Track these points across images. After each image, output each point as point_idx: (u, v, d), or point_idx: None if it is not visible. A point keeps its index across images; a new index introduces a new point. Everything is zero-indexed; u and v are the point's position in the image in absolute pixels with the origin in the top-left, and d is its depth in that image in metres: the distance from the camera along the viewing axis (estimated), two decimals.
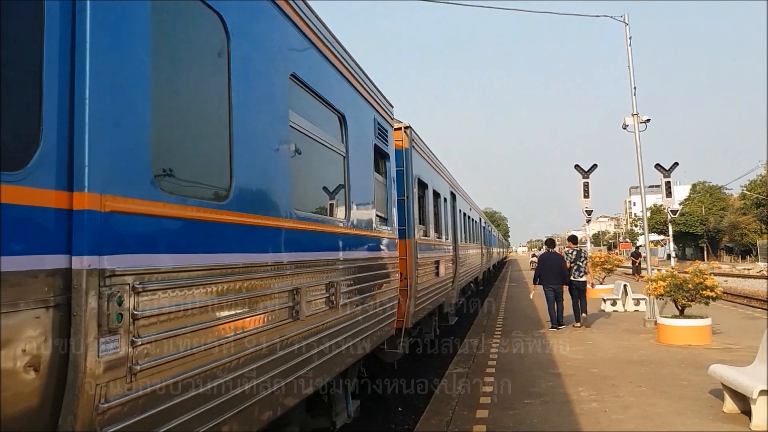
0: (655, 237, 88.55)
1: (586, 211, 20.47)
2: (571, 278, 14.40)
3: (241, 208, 3.26)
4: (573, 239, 15.72)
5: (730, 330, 13.04)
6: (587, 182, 20.07)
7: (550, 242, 16.28)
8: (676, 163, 17.91)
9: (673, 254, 37.51)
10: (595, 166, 20.00)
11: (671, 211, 29.36)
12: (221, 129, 3.20)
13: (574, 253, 14.63)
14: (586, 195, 20.06)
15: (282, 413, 3.82)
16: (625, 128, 14.10)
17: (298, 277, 3.97)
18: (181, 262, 2.67)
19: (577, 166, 19.82)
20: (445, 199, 14.22)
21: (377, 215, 6.98)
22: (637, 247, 59.80)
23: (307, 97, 4.64)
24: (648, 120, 13.74)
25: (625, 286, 18.10)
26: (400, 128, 9.38)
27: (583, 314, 14.47)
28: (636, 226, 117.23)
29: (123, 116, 2.38)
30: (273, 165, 3.77)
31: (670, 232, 23.92)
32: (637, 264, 40.43)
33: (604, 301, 17.88)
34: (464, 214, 19.37)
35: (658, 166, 17.78)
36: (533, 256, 60.15)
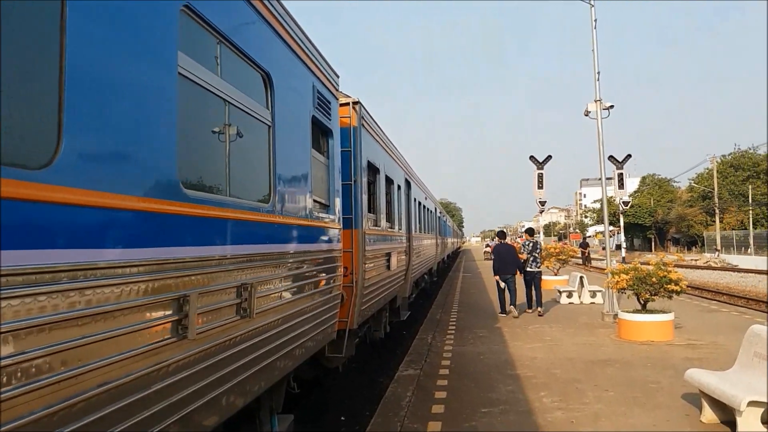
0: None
1: (539, 201, 20.27)
2: (527, 269, 14.90)
3: (76, 181, 2.15)
4: (530, 231, 16.49)
5: (689, 324, 12.65)
6: (541, 173, 19.94)
7: (502, 234, 16.96)
8: (629, 155, 18.01)
9: (623, 245, 38.05)
10: (549, 157, 19.75)
11: (623, 202, 29.49)
12: (43, 58, 2.10)
13: (530, 244, 15.20)
14: (540, 186, 19.93)
15: None
16: (587, 115, 13.45)
17: (185, 280, 2.89)
18: None
19: (532, 157, 19.55)
20: (399, 187, 13.28)
21: (315, 201, 5.94)
22: (585, 238, 61.68)
23: (212, 41, 3.54)
24: (611, 106, 13.11)
25: (581, 277, 17.68)
26: (347, 103, 8.29)
27: (539, 308, 14.67)
28: (586, 217, 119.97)
29: None
30: (143, 124, 2.67)
31: (622, 224, 23.91)
32: (586, 254, 42.06)
33: (560, 293, 17.40)
34: (419, 204, 18.56)
35: (611, 157, 17.90)
36: (486, 246, 62.12)
